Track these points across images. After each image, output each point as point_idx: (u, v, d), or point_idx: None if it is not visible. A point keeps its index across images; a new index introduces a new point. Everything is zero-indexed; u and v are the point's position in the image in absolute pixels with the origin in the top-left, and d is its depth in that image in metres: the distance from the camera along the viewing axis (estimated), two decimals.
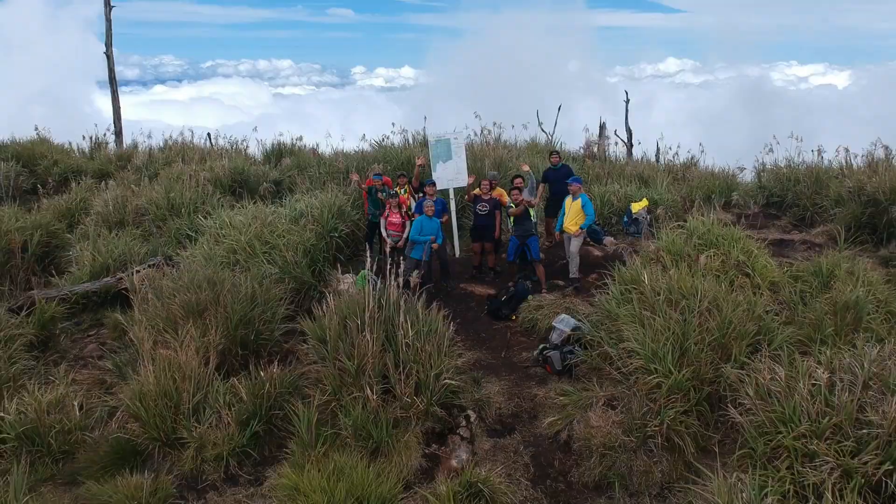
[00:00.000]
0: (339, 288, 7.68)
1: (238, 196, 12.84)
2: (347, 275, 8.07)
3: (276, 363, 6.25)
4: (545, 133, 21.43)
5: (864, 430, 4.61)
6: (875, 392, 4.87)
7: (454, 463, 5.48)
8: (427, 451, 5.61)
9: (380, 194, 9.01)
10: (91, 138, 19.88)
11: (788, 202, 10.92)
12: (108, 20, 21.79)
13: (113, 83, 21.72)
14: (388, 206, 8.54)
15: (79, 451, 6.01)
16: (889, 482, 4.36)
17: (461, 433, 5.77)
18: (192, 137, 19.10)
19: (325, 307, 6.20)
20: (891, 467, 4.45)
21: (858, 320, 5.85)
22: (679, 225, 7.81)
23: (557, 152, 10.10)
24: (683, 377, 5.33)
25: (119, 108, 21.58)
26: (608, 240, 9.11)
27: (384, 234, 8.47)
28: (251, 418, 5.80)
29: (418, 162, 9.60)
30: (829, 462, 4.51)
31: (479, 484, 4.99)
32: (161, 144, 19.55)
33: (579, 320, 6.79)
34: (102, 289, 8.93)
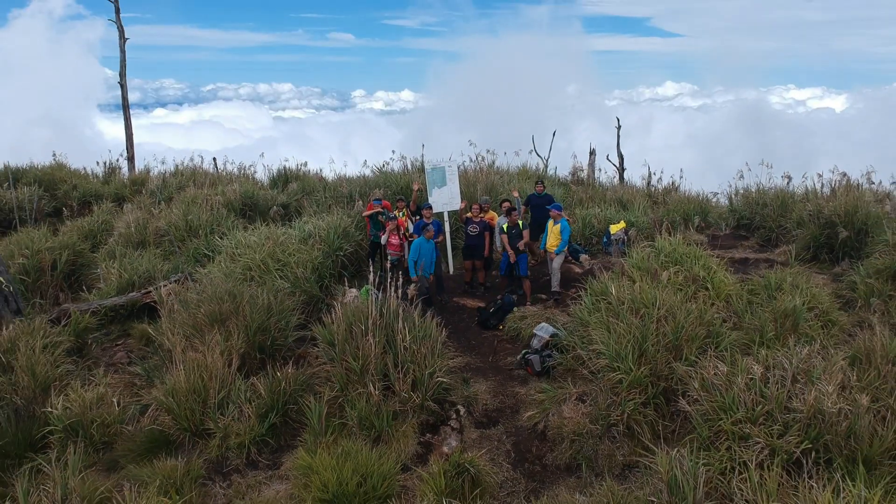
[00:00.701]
0: (345, 300, 8.56)
1: (248, 218, 13.78)
2: (352, 289, 8.96)
3: (290, 364, 7.11)
4: (540, 157, 22.52)
5: (790, 416, 5.47)
6: (801, 384, 5.74)
7: (445, 449, 6.31)
8: (422, 440, 6.45)
9: (380, 217, 9.94)
10: (105, 163, 20.95)
11: (756, 224, 11.88)
12: (123, 51, 22.98)
13: (126, 111, 22.83)
14: (387, 227, 9.47)
15: (117, 441, 6.84)
16: (808, 459, 5.22)
17: (452, 424, 6.61)
18: (202, 162, 20.15)
19: (333, 315, 7.09)
20: (809, 445, 5.30)
21: (795, 325, 6.74)
22: (649, 245, 8.73)
23: (542, 181, 11.07)
24: (642, 374, 6.19)
25: (132, 134, 22.64)
26: (584, 257, 10.03)
27: (389, 256, 9.33)
28: (269, 412, 6.64)
29: (415, 187, 10.54)
30: (760, 442, 5.37)
31: (466, 465, 5.82)
32: (172, 169, 20.70)
33: (557, 328, 7.68)
34: (129, 303, 9.80)
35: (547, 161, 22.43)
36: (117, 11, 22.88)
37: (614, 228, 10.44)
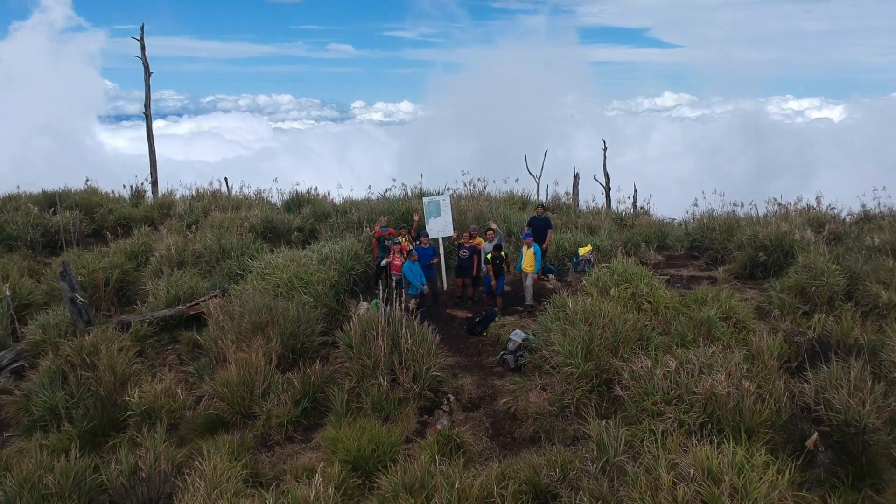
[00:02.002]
0: (359, 312, 10.41)
1: (269, 240, 15.64)
2: (364, 302, 10.82)
3: (316, 363, 8.95)
4: (532, 175, 24.48)
5: (694, 397, 7.30)
6: (705, 374, 7.58)
7: (438, 426, 8.13)
8: (420, 420, 8.27)
9: (386, 242, 11.81)
10: (132, 187, 22.91)
11: (706, 246, 13.76)
12: (147, 85, 24.91)
13: (150, 138, 24.70)
14: (392, 251, 11.33)
15: (181, 423, 8.66)
16: (705, 429, 7.03)
17: (444, 408, 8.44)
18: (220, 187, 22.10)
19: (351, 324, 8.94)
20: (706, 419, 7.13)
21: (709, 331, 8.59)
22: (606, 266, 10.59)
23: (543, 205, 12.93)
24: (588, 368, 8.03)
25: (155, 160, 24.51)
26: (551, 277, 11.90)
27: (392, 275, 11.18)
28: (301, 399, 8.46)
29: (415, 217, 12.41)
30: (671, 417, 7.20)
31: (454, 437, 7.64)
32: (192, 191, 22.70)
33: (528, 334, 9.52)
34: (176, 314, 11.64)
35: (539, 179, 24.37)
36: (143, 49, 24.83)
37: (582, 251, 12.29)
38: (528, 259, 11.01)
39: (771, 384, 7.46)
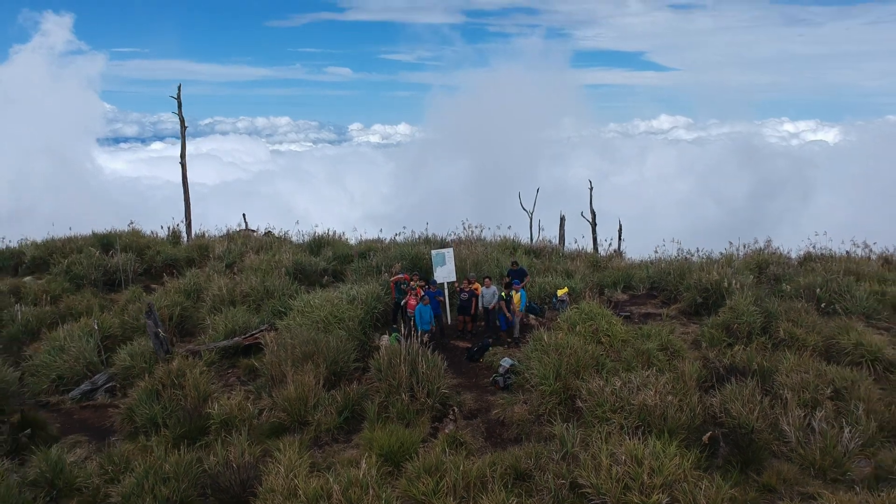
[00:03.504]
0: (381, 344, 13.10)
1: (299, 279, 18.32)
2: (385, 336, 13.51)
3: (353, 383, 11.62)
4: (525, 211, 27.30)
5: (632, 407, 9.96)
6: (640, 391, 10.25)
7: (446, 430, 10.77)
8: (433, 426, 10.90)
9: (402, 286, 14.55)
10: (169, 228, 25.76)
11: (662, 287, 16.52)
12: (183, 138, 27.91)
13: (185, 185, 27.56)
14: (408, 294, 14.05)
15: (250, 429, 11.25)
16: (639, 430, 9.67)
17: (450, 417, 11.09)
18: (247, 226, 24.90)
19: (379, 353, 11.64)
20: (640, 423, 9.78)
21: (649, 359, 11.29)
22: (576, 307, 13.32)
23: (516, 261, 15.71)
24: (557, 387, 10.71)
25: (189, 204, 27.33)
26: (531, 316, 14.62)
27: (408, 313, 13.91)
28: (343, 410, 11.09)
29: (397, 266, 15.19)
30: (615, 422, 9.86)
31: (458, 437, 10.29)
32: (220, 230, 25.59)
33: (514, 360, 12.21)
34: (232, 345, 14.30)
35: (532, 214, 27.20)
36: (179, 106, 27.83)
37: (560, 292, 15.02)
38: (516, 301, 13.77)
39: (689, 398, 10.14)
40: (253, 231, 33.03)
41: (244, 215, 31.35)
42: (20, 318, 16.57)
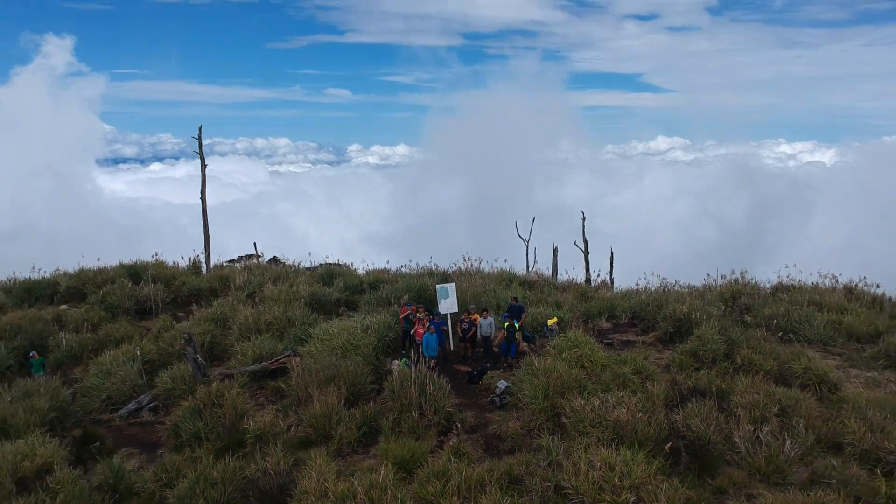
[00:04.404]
0: (392, 368, 14.82)
1: (314, 308, 20.05)
2: (395, 360, 15.24)
3: (370, 402, 13.32)
4: (522, 239, 29.10)
5: (608, 422, 11.67)
6: (615, 409, 11.96)
7: (451, 443, 12.44)
8: (439, 439, 12.58)
9: (410, 316, 16.33)
10: (189, 259, 27.58)
11: (642, 316, 18.30)
12: (203, 175, 29.81)
13: (205, 218, 29.42)
14: (416, 323, 15.81)
15: (281, 442, 12.92)
16: (614, 442, 11.37)
17: (454, 432, 12.77)
18: (258, 253, 26.70)
19: (392, 376, 13.37)
20: (614, 436, 11.47)
21: (624, 381, 13.03)
22: (563, 335, 15.08)
23: (516, 297, 17.51)
24: (545, 405, 12.43)
25: (209, 237, 29.15)
26: (524, 344, 16.39)
27: (416, 341, 15.68)
28: (362, 425, 12.78)
29: (405, 297, 16.97)
30: (594, 435, 11.56)
31: (460, 449, 11.98)
32: (236, 261, 27.30)
33: (509, 383, 13.93)
34: (260, 369, 16.01)
35: (528, 242, 28.99)
36: (200, 146, 29.82)
37: (550, 322, 16.78)
38: (500, 335, 15.59)
39: (656, 415, 11.84)
40: (259, 256, 34.95)
41: (255, 244, 33.24)
42: (65, 345, 18.30)
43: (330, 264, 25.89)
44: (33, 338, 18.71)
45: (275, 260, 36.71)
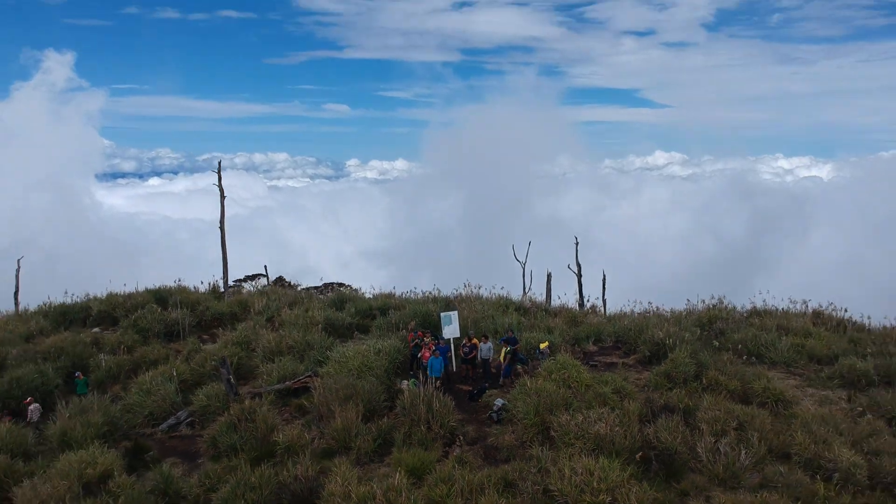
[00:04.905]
0: (402, 387, 16.70)
1: (329, 332, 21.93)
2: (404, 381, 17.13)
3: (384, 417, 15.20)
4: (518, 261, 30.97)
5: (590, 434, 13.54)
6: (596, 423, 13.84)
7: (455, 453, 14.28)
8: (444, 450, 14.43)
9: (417, 341, 18.25)
10: (210, 284, 29.51)
11: (625, 340, 20.22)
12: (223, 206, 31.74)
13: (224, 247, 31.30)
14: (423, 347, 17.73)
15: (305, 453, 14.75)
16: (595, 451, 13.24)
17: (457, 444, 14.63)
18: (268, 275, 28.58)
19: (404, 395, 15.27)
20: (595, 447, 13.34)
21: (604, 399, 14.94)
22: (553, 358, 16.99)
23: (511, 329, 19.42)
24: (536, 420, 14.32)
25: (227, 263, 31.04)
26: (519, 366, 18.30)
27: (423, 363, 17.61)
28: (377, 438, 14.64)
29: (411, 324, 18.91)
30: (578, 446, 13.43)
31: (463, 458, 13.84)
32: (256, 288, 29.26)
33: (505, 400, 15.82)
34: (284, 388, 17.87)
35: (525, 264, 30.85)
36: (219, 178, 31.83)
37: (542, 346, 18.69)
38: (505, 354, 17.51)
39: (631, 429, 13.72)
40: (264, 276, 36.75)
41: (265, 266, 35.08)
42: (104, 365, 20.17)
43: (334, 284, 27.80)
44: (75, 359, 20.56)
45: (280, 280, 38.55)
